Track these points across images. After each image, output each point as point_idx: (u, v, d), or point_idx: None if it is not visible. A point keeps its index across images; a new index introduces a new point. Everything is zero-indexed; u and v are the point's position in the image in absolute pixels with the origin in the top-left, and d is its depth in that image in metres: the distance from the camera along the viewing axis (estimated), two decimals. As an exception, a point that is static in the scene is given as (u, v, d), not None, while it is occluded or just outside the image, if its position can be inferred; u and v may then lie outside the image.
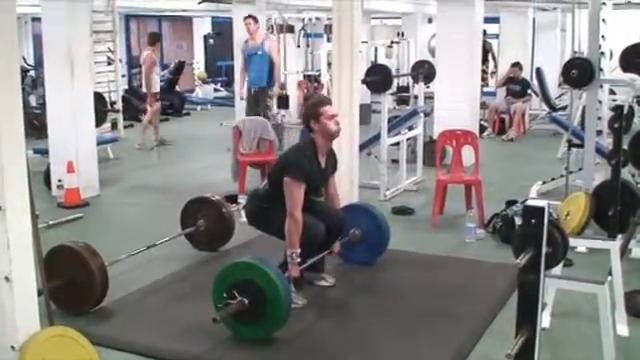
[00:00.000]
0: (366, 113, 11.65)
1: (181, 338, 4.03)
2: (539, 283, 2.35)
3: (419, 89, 9.14)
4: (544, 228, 2.35)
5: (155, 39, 11.56)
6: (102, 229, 6.69)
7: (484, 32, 14.78)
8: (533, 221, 2.35)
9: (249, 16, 9.65)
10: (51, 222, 6.52)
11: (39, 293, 3.41)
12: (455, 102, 9.26)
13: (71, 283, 4.38)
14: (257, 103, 9.64)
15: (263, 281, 3.87)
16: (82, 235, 5.96)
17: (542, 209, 2.35)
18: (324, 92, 11.33)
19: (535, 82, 12.80)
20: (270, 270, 3.92)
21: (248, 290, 3.88)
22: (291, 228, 4.33)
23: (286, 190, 4.37)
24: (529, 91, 12.87)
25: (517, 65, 12.81)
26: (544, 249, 2.38)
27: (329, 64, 12.33)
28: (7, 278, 3.05)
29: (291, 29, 13.96)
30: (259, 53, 9.53)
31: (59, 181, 7.48)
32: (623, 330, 4.23)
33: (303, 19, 13.98)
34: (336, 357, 3.86)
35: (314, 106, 4.56)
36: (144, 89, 11.49)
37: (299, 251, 4.36)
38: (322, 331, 4.19)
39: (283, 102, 13.66)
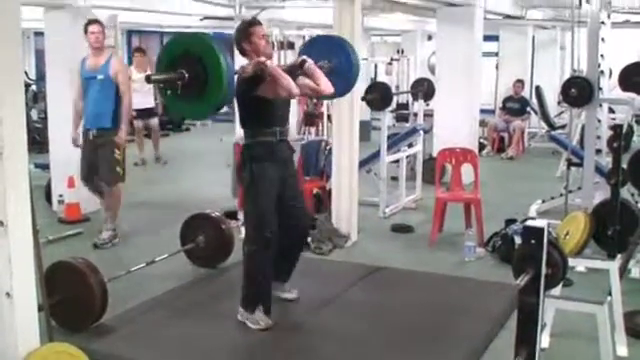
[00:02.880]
0: (366, 130, 11.67)
1: (180, 355, 4.02)
2: (539, 304, 2.35)
3: (419, 106, 9.18)
4: (544, 249, 2.37)
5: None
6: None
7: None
8: (533, 242, 2.36)
9: (95, 21, 6.70)
10: (51, 237, 6.52)
11: (39, 309, 3.41)
12: (454, 120, 9.29)
13: (71, 299, 4.38)
14: (97, 154, 6.50)
15: (205, 54, 3.66)
16: (82, 251, 5.96)
17: (542, 230, 2.36)
18: (324, 109, 11.33)
19: (534, 100, 12.85)
20: (213, 42, 3.72)
21: (189, 62, 3.65)
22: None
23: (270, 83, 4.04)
24: (528, 109, 12.91)
25: (520, 82, 12.88)
26: (544, 270, 2.39)
27: (329, 81, 12.36)
28: (8, 294, 3.05)
29: (292, 46, 14.01)
30: (99, 77, 6.45)
31: (60, 196, 7.49)
32: (622, 351, 4.24)
33: (304, 36, 14.03)
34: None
35: (245, 28, 4.24)
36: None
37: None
38: (319, 351, 4.17)
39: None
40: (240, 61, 4.29)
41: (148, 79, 3.71)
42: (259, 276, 4.29)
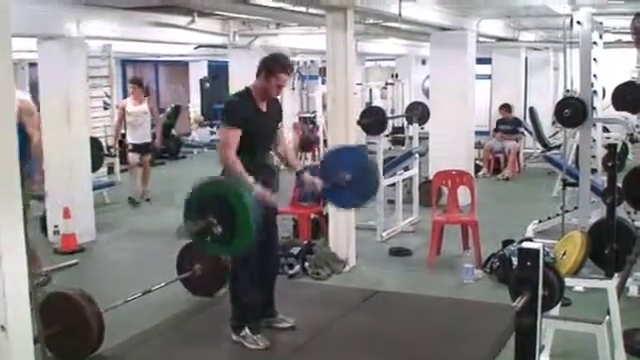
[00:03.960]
0: (362, 154, 11.67)
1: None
2: (536, 326, 2.34)
3: (414, 130, 9.20)
4: (540, 271, 2.36)
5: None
6: (98, 275, 6.67)
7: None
8: (528, 263, 2.36)
9: None
10: (47, 268, 6.49)
11: (35, 341, 3.38)
12: (450, 142, 9.31)
13: (67, 330, 4.35)
14: None
15: (233, 200, 3.75)
16: (78, 281, 5.93)
17: (537, 251, 2.36)
18: (319, 134, 11.39)
19: (529, 121, 12.89)
20: (240, 189, 3.81)
21: (217, 208, 3.76)
22: (230, 168, 4.16)
23: (220, 137, 4.23)
24: (521, 129, 12.92)
25: (505, 107, 12.94)
26: (540, 292, 2.38)
27: (324, 106, 12.44)
28: (3, 327, 3.02)
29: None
30: None
31: (55, 227, 7.47)
32: (623, 370, 4.21)
33: (298, 62, 14.12)
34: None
35: (274, 64, 4.28)
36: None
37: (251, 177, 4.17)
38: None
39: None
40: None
41: (181, 234, 3.74)
42: (242, 294, 4.30)
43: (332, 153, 5.04)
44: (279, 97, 4.58)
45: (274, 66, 4.26)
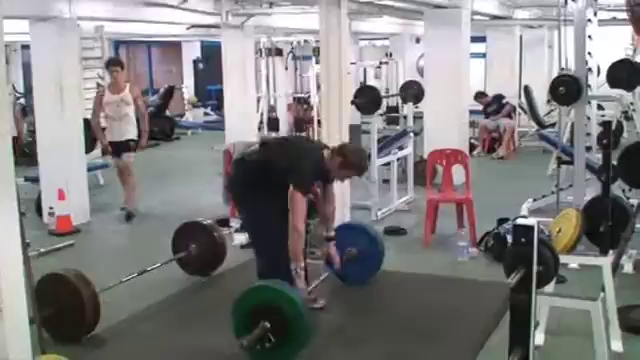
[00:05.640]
0: (356, 134, 11.62)
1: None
2: (531, 302, 2.35)
3: (408, 109, 9.19)
4: (534, 247, 2.36)
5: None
6: (93, 256, 6.67)
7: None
8: (523, 240, 2.36)
9: None
10: (42, 250, 6.50)
11: (31, 321, 3.39)
12: (444, 121, 9.29)
13: (63, 311, 4.35)
14: None
15: (285, 304, 3.74)
16: (73, 262, 5.93)
17: (532, 228, 2.36)
18: (314, 114, 11.34)
19: (523, 99, 12.86)
20: (292, 293, 3.84)
21: (269, 314, 3.72)
22: (295, 241, 4.22)
23: (291, 199, 4.24)
24: (504, 101, 12.83)
25: (479, 95, 12.87)
26: (535, 268, 2.39)
27: (318, 86, 12.40)
28: (-1, 308, 3.03)
29: (280, 52, 14.05)
30: None
31: (50, 208, 7.46)
32: (617, 346, 4.24)
33: (291, 42, 14.06)
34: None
35: (355, 165, 4.43)
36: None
37: (303, 264, 4.29)
38: (318, 353, 4.16)
39: (273, 124, 13.73)
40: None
41: (242, 346, 3.67)
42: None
43: (337, 230, 5.12)
44: None
45: (352, 168, 4.43)
